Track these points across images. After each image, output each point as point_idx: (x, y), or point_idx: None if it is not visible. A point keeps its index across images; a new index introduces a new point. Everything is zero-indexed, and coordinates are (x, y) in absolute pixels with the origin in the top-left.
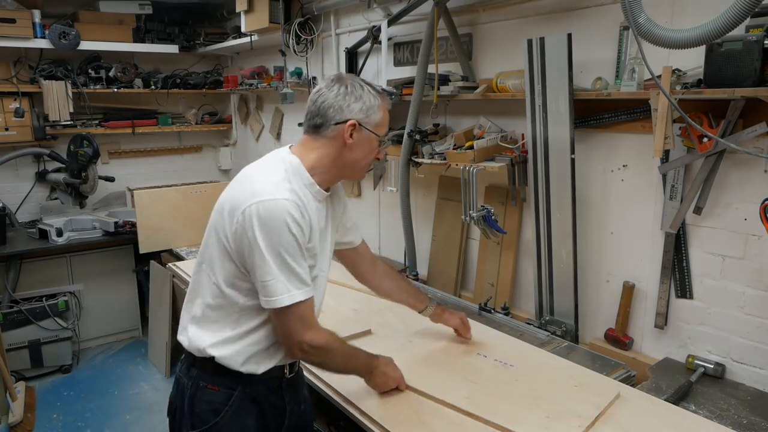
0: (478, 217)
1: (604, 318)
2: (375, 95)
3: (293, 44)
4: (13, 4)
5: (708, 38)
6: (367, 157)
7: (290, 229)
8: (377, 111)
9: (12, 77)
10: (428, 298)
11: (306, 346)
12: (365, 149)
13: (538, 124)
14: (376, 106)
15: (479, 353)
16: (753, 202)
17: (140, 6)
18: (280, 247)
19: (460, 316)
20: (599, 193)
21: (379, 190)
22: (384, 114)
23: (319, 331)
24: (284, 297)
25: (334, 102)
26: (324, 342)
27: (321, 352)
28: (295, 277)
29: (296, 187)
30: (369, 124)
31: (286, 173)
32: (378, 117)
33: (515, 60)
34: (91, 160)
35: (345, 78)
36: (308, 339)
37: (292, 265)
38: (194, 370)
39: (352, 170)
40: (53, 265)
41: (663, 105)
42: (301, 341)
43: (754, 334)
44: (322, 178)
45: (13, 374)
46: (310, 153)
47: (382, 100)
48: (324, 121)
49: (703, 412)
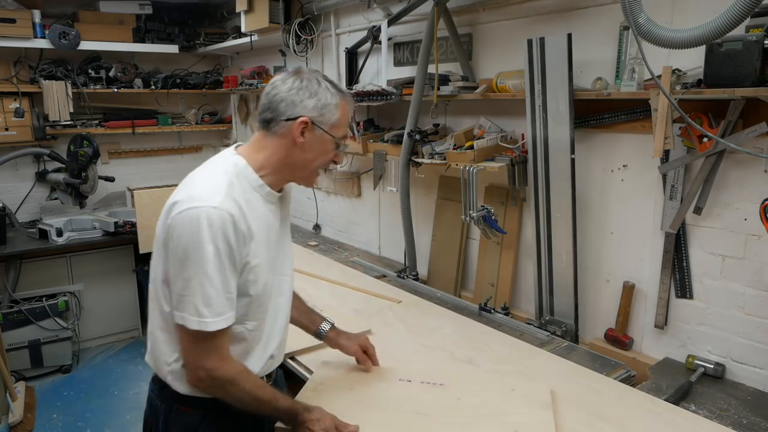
0: (478, 217)
1: (604, 318)
2: (334, 93)
3: (293, 44)
4: (13, 4)
5: (708, 38)
6: (320, 159)
7: (215, 243)
8: (334, 110)
9: (12, 77)
10: (322, 319)
11: (203, 373)
12: (317, 150)
13: (538, 124)
14: (333, 104)
15: (400, 379)
16: (753, 202)
17: (140, 6)
18: (200, 264)
19: (360, 341)
20: (599, 193)
21: (379, 190)
22: (343, 114)
23: (225, 362)
24: (192, 320)
25: (287, 96)
26: (228, 376)
27: (222, 385)
28: (213, 301)
29: (239, 192)
30: (323, 123)
31: (227, 176)
32: (335, 117)
33: (515, 60)
34: (91, 160)
35: (303, 72)
36: (210, 367)
37: (207, 288)
38: (166, 392)
39: (302, 172)
40: (53, 265)
41: (663, 105)
42: (199, 367)
43: (754, 334)
44: (272, 179)
45: (13, 374)
46: (259, 152)
47: (342, 99)
48: (274, 116)
49: (703, 412)
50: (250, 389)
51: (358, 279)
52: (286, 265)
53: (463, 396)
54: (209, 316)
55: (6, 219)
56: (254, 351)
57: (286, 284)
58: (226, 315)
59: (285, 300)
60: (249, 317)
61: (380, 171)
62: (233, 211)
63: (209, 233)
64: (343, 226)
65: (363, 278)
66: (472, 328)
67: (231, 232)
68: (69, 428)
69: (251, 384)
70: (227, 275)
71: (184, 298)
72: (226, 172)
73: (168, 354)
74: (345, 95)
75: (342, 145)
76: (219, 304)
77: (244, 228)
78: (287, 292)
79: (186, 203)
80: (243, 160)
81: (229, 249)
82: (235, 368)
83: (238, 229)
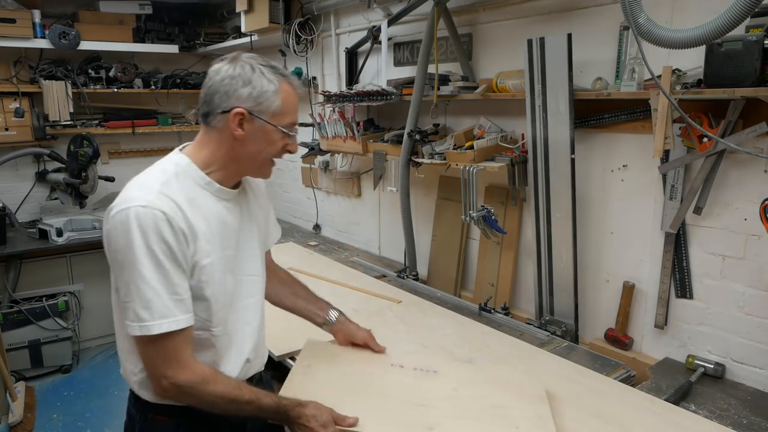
0: (478, 217)
1: (604, 318)
2: (272, 79)
3: (293, 44)
4: (13, 4)
5: (708, 38)
6: (266, 150)
7: (148, 243)
8: (273, 97)
9: (12, 77)
10: (329, 306)
11: (165, 382)
12: (261, 142)
13: (538, 124)
14: (271, 91)
15: (392, 363)
16: (753, 202)
17: (140, 6)
18: (134, 266)
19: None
20: (599, 193)
21: (379, 190)
22: (286, 101)
23: (184, 367)
24: (134, 326)
25: (220, 87)
26: (192, 381)
27: (189, 392)
28: (152, 303)
29: (177, 189)
30: (262, 112)
31: (164, 174)
32: (275, 104)
33: (515, 60)
34: (91, 160)
35: (239, 58)
36: (170, 374)
37: (144, 291)
38: (140, 402)
39: (251, 166)
40: (53, 265)
41: (663, 105)
42: (160, 376)
43: (754, 334)
44: (221, 175)
45: (13, 374)
46: (203, 149)
47: (283, 83)
48: (210, 109)
49: (703, 412)
50: (223, 392)
51: (358, 279)
52: (253, 265)
53: (459, 386)
54: (150, 319)
55: (6, 219)
56: (227, 356)
57: (256, 285)
58: (174, 318)
59: (255, 301)
60: (213, 322)
61: (380, 171)
62: (165, 209)
63: (140, 233)
64: (343, 226)
65: (363, 278)
66: (472, 328)
67: (166, 229)
68: (69, 428)
69: (222, 386)
70: (169, 276)
71: (126, 305)
72: (163, 171)
73: (133, 364)
74: (287, 78)
75: (291, 134)
76: (161, 306)
77: (183, 226)
78: (257, 293)
79: (117, 207)
80: (185, 158)
81: (166, 248)
82: (199, 372)
83: (174, 227)
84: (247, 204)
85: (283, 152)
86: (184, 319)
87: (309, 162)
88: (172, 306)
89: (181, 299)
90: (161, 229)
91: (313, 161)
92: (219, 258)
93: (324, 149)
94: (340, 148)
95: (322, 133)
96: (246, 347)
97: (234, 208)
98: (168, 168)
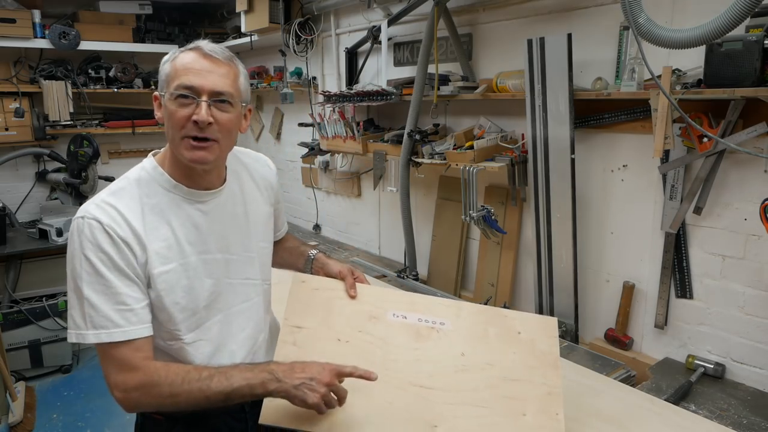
0: (478, 217)
1: (604, 318)
2: (170, 55)
3: (293, 44)
4: (13, 4)
5: (708, 38)
6: (170, 126)
7: (85, 254)
8: (166, 68)
9: (12, 77)
10: (310, 248)
11: (118, 393)
12: (166, 120)
13: (538, 124)
14: (167, 62)
15: (394, 314)
16: (753, 202)
17: (140, 6)
18: (73, 277)
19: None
20: (599, 193)
21: (379, 190)
22: (173, 66)
23: (131, 371)
24: (71, 333)
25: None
26: (141, 381)
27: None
28: (90, 312)
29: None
30: (163, 89)
31: (123, 182)
32: (165, 73)
33: (515, 60)
34: (91, 160)
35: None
36: (118, 382)
37: (81, 299)
38: None
39: (173, 148)
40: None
41: (663, 105)
42: (111, 387)
43: (754, 334)
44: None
45: (13, 374)
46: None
47: (182, 52)
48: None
49: (703, 412)
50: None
51: None
52: (249, 269)
53: (468, 349)
54: (85, 327)
55: (6, 219)
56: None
57: (253, 289)
58: (118, 328)
59: (250, 305)
60: (182, 330)
61: (380, 171)
62: (102, 219)
63: (78, 243)
64: (343, 226)
65: None
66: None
67: (103, 239)
68: (69, 428)
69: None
70: (111, 285)
71: (68, 312)
72: (124, 178)
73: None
74: (193, 49)
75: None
76: (97, 317)
77: (124, 235)
78: (254, 296)
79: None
80: (153, 162)
81: (105, 257)
82: (148, 369)
83: (113, 237)
84: (239, 203)
85: (188, 125)
86: (133, 330)
87: (309, 162)
88: (115, 316)
89: (129, 309)
90: (97, 238)
91: (313, 161)
92: (187, 263)
93: (324, 149)
94: (340, 148)
95: (322, 133)
96: (239, 354)
97: (213, 210)
98: (131, 175)
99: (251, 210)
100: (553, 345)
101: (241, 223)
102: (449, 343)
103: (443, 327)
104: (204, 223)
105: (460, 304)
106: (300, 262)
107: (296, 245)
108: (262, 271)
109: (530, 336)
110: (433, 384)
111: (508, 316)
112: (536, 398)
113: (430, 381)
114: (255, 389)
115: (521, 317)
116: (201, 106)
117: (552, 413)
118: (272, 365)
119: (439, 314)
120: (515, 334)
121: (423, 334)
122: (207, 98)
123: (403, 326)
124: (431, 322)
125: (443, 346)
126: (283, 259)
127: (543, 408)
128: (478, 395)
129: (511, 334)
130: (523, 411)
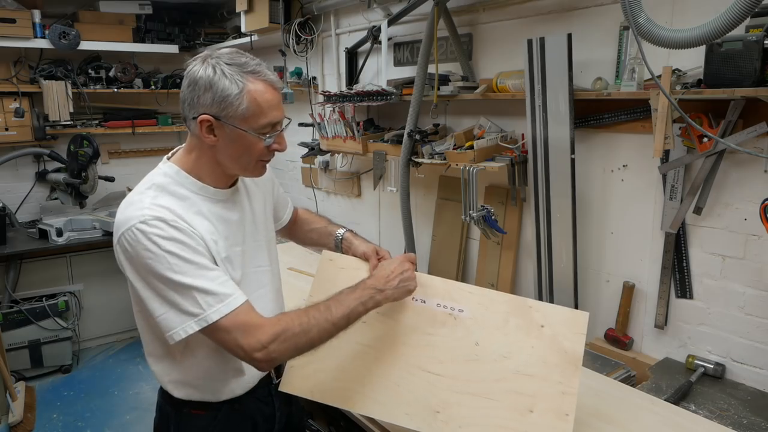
0: (478, 217)
1: (604, 318)
2: (236, 80)
3: (293, 44)
4: (13, 4)
5: (708, 38)
6: (246, 154)
7: (165, 249)
8: (240, 100)
9: (12, 77)
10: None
11: (258, 354)
12: (238, 147)
13: (538, 124)
14: (234, 94)
15: (414, 298)
16: (753, 202)
17: (140, 6)
18: (167, 274)
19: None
20: (599, 193)
21: (379, 190)
22: (254, 101)
23: (260, 329)
24: (188, 325)
25: (187, 94)
26: (274, 333)
27: (278, 339)
28: (203, 294)
29: (169, 200)
30: (229, 117)
31: (153, 190)
32: (242, 107)
33: (515, 60)
34: (91, 160)
35: (207, 59)
36: (254, 343)
37: (194, 284)
38: (175, 399)
39: (238, 167)
40: (53, 265)
41: (663, 105)
42: (247, 350)
43: (754, 334)
44: (213, 179)
45: (13, 374)
46: (190, 153)
47: (250, 83)
48: (185, 116)
49: (703, 412)
50: (309, 320)
51: None
52: (260, 256)
53: (483, 339)
54: (203, 311)
55: (6, 219)
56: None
57: (265, 276)
58: (229, 298)
59: (265, 292)
60: None
61: (380, 171)
62: (164, 216)
63: (153, 246)
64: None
65: None
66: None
67: (175, 233)
68: (69, 428)
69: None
70: (204, 266)
71: (161, 317)
72: (154, 184)
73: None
74: (257, 75)
75: (266, 139)
76: (211, 296)
77: (187, 226)
78: (267, 283)
79: (117, 233)
80: (174, 167)
81: (185, 246)
82: (270, 321)
83: (182, 228)
84: (246, 196)
85: (269, 154)
86: (240, 294)
87: (309, 162)
88: (221, 288)
89: (227, 279)
90: (171, 233)
91: (313, 161)
92: (228, 256)
93: (324, 149)
94: (340, 148)
95: (322, 133)
96: None
97: (233, 207)
98: (156, 182)
99: (255, 200)
100: (578, 342)
101: (251, 213)
102: (465, 331)
103: (461, 314)
104: (229, 217)
105: (486, 291)
106: (330, 242)
107: (323, 225)
108: (270, 256)
109: (554, 331)
110: (441, 371)
111: (533, 307)
112: (548, 396)
113: (440, 368)
114: (367, 305)
115: (547, 310)
116: (284, 138)
117: (562, 414)
118: (367, 282)
119: (460, 301)
120: (537, 327)
121: (439, 320)
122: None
123: (421, 310)
124: (449, 308)
125: (458, 333)
126: (313, 240)
127: (553, 407)
128: (485, 386)
129: (533, 326)
130: (531, 408)
